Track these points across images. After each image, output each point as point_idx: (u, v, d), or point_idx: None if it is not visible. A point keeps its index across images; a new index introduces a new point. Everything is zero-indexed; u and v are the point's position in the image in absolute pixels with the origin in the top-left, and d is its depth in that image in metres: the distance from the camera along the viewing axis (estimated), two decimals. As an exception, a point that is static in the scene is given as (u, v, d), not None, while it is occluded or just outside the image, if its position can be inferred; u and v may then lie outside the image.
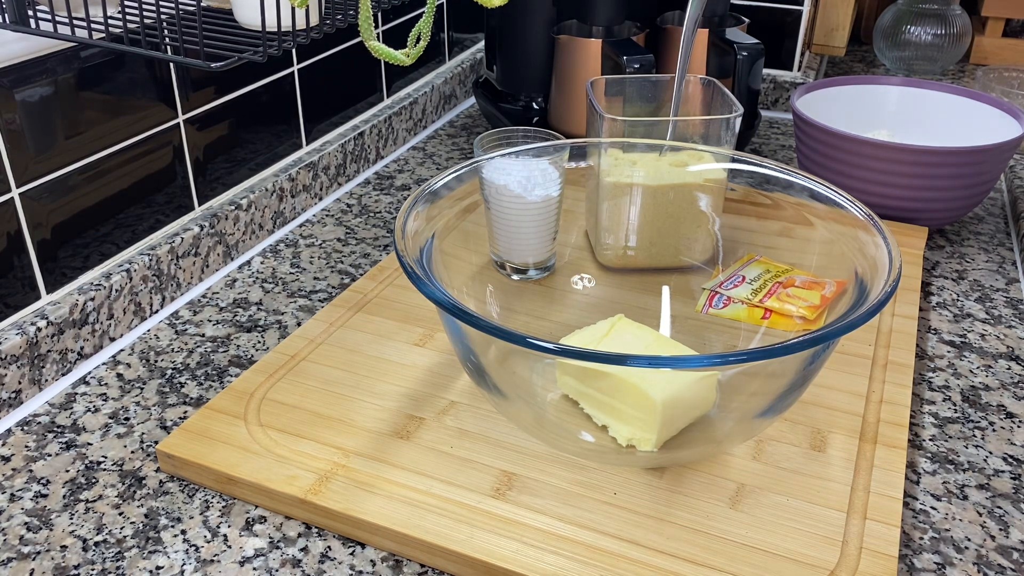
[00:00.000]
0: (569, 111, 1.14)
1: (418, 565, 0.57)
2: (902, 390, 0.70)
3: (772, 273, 0.77)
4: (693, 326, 0.75)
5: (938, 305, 0.86)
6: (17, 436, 0.67)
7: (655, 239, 0.82)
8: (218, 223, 0.89)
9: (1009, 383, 0.75)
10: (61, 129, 0.73)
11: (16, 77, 0.68)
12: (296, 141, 1.02)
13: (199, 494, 0.62)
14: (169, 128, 0.84)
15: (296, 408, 0.67)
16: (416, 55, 0.62)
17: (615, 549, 0.56)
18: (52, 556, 0.57)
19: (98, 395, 0.72)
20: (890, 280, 0.55)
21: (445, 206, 0.69)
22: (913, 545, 0.59)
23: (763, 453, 0.64)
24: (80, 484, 0.63)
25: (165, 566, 0.56)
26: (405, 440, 0.64)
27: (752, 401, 0.61)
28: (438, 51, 1.32)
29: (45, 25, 0.63)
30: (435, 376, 0.71)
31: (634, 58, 0.99)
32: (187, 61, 0.57)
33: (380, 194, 1.07)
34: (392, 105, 1.19)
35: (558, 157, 0.77)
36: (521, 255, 0.80)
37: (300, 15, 0.59)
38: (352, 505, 0.58)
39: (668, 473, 0.62)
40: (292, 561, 0.57)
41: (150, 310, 0.82)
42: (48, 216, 0.73)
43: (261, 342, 0.79)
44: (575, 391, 0.66)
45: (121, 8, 0.59)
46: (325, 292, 0.86)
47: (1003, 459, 0.67)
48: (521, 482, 0.61)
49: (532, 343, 0.51)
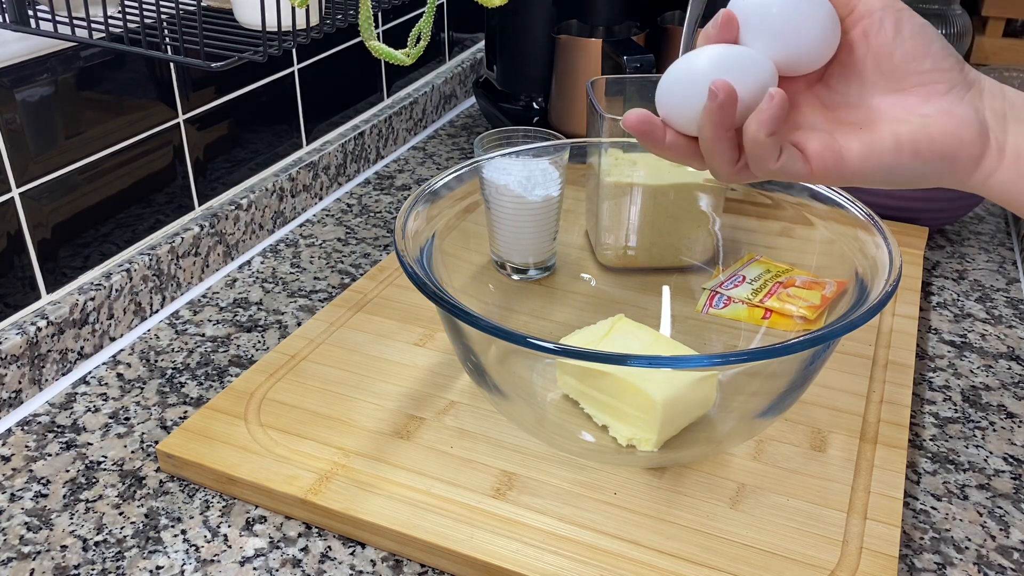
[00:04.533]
0: (569, 111, 1.14)
1: (418, 565, 0.57)
2: (902, 390, 0.70)
3: (772, 273, 0.77)
4: (693, 326, 0.75)
5: (938, 305, 0.86)
6: (17, 436, 0.67)
7: (655, 239, 0.82)
8: (218, 223, 0.89)
9: (1009, 383, 0.75)
10: (61, 129, 0.73)
11: (16, 77, 0.68)
12: (296, 141, 1.02)
13: (199, 494, 0.62)
14: (169, 128, 0.84)
15: (296, 408, 0.67)
16: (416, 55, 0.62)
17: (615, 549, 0.56)
18: (52, 556, 0.57)
19: (98, 395, 0.72)
20: (890, 280, 0.55)
21: (445, 206, 0.69)
22: (913, 545, 0.59)
23: (763, 453, 0.64)
24: (80, 484, 0.63)
25: (165, 566, 0.56)
26: (405, 440, 0.64)
27: (752, 401, 0.61)
28: (438, 51, 1.32)
29: (45, 25, 0.63)
30: (435, 376, 0.71)
31: (634, 58, 0.99)
32: (187, 61, 0.57)
33: (380, 194, 1.07)
34: (392, 105, 1.19)
35: (558, 157, 0.77)
36: (521, 255, 0.80)
37: (300, 15, 0.59)
38: (352, 505, 0.58)
39: (668, 473, 0.62)
40: (292, 561, 0.57)
41: (150, 310, 0.82)
42: (48, 216, 0.73)
43: (261, 342, 0.79)
44: (575, 391, 0.66)
45: (121, 8, 0.59)
46: (325, 292, 0.86)
47: (1003, 459, 0.67)
48: (521, 482, 0.61)
49: (532, 343, 0.51)
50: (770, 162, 0.42)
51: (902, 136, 0.42)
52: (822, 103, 0.45)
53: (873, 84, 0.43)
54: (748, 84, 0.42)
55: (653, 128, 0.44)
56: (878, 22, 0.42)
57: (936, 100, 0.42)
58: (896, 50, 0.42)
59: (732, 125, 0.42)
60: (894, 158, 0.42)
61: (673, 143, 0.44)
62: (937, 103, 0.42)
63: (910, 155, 0.42)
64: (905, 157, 0.42)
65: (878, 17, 0.42)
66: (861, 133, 0.43)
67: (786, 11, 0.42)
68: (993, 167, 0.42)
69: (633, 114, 0.44)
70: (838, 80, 0.44)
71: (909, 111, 0.42)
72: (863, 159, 0.42)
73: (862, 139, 0.42)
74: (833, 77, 0.45)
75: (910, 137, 0.42)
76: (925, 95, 0.42)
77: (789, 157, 0.42)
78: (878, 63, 0.43)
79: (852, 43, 0.43)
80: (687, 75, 0.43)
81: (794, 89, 0.45)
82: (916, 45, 0.42)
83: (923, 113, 0.42)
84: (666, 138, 0.44)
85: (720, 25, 0.44)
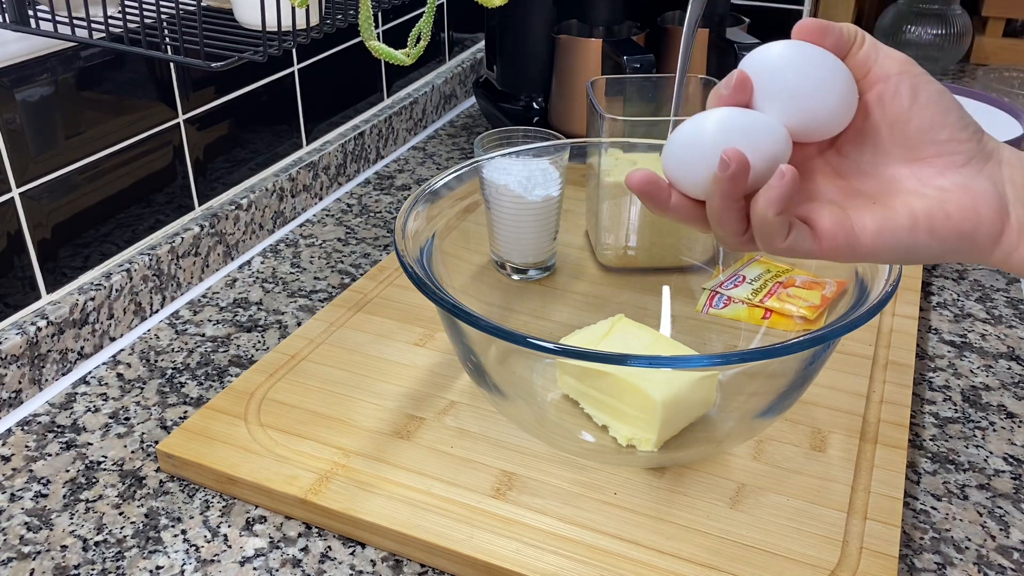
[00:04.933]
0: (569, 111, 1.14)
1: (418, 565, 0.57)
2: (902, 390, 0.70)
3: (772, 273, 0.77)
4: (693, 326, 0.75)
5: (938, 305, 0.86)
6: (17, 436, 0.67)
7: (655, 239, 0.82)
8: (218, 223, 0.89)
9: (1009, 383, 0.75)
10: (61, 129, 0.73)
11: (16, 77, 0.68)
12: (296, 141, 1.02)
13: (199, 494, 0.62)
14: (169, 128, 0.84)
15: (296, 408, 0.67)
16: (416, 55, 0.62)
17: (615, 549, 0.56)
18: (52, 556, 0.57)
19: (98, 395, 0.72)
20: (890, 280, 0.55)
21: (445, 206, 0.69)
22: (913, 545, 0.59)
23: (763, 453, 0.64)
24: (80, 484, 0.63)
25: (165, 566, 0.56)
26: (405, 440, 0.64)
27: (752, 401, 0.61)
28: (438, 51, 1.32)
29: (45, 25, 0.63)
30: (435, 376, 0.71)
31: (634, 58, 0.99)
32: (187, 61, 0.57)
33: (380, 194, 1.07)
34: (392, 105, 1.19)
35: (558, 157, 0.77)
36: (521, 255, 0.80)
37: (300, 15, 0.59)
38: (352, 505, 0.58)
39: (668, 473, 0.62)
40: (292, 561, 0.57)
41: (150, 310, 0.82)
42: (48, 216, 0.73)
43: (261, 342, 0.79)
44: (575, 391, 0.66)
45: (121, 8, 0.59)
46: (325, 292, 0.86)
47: (1003, 459, 0.67)
48: (521, 482, 0.61)
49: (532, 343, 0.51)
50: (778, 240, 0.40)
51: (917, 212, 0.40)
52: (834, 170, 0.43)
53: (887, 152, 0.41)
54: (760, 152, 0.40)
55: (657, 190, 0.42)
56: (894, 87, 0.40)
57: (953, 173, 0.40)
58: (912, 118, 0.40)
59: (742, 196, 0.40)
60: (909, 236, 0.40)
61: (678, 206, 0.43)
62: (954, 176, 0.40)
63: (926, 233, 0.40)
64: (921, 235, 0.40)
65: (894, 82, 0.40)
66: (875, 208, 0.40)
67: (803, 75, 0.40)
68: (1013, 244, 0.40)
69: (637, 174, 0.42)
70: (852, 146, 0.43)
71: (925, 183, 0.40)
72: (876, 237, 0.40)
73: (876, 215, 0.40)
74: (846, 143, 0.43)
75: (926, 213, 0.40)
76: (942, 167, 0.40)
77: (798, 235, 0.40)
78: (893, 130, 0.41)
79: (867, 107, 0.41)
80: (696, 137, 0.41)
81: (805, 155, 0.43)
82: (933, 114, 0.40)
83: (939, 186, 0.40)
84: (671, 200, 0.42)
85: (733, 87, 0.41)
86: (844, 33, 0.41)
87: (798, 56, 0.41)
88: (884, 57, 0.41)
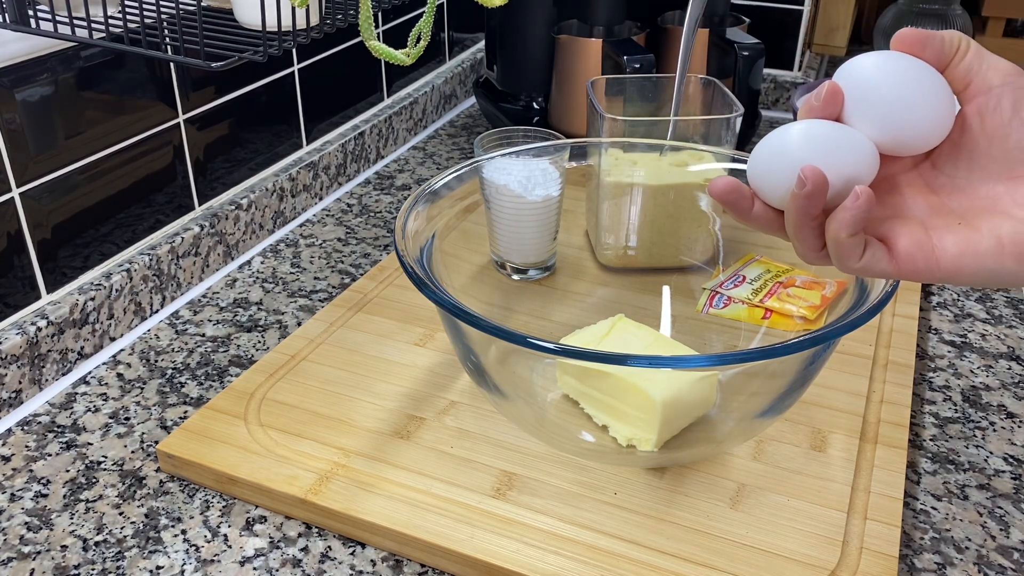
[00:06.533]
0: (569, 111, 1.14)
1: (418, 565, 0.57)
2: (902, 390, 0.70)
3: (772, 273, 0.77)
4: (693, 326, 0.75)
5: (939, 305, 0.86)
6: (17, 436, 0.67)
7: (655, 239, 0.82)
8: (218, 223, 0.89)
9: (1010, 383, 0.75)
10: (61, 129, 0.73)
11: (16, 77, 0.68)
12: (296, 141, 1.02)
13: (199, 494, 0.62)
14: (169, 128, 0.84)
15: (296, 408, 0.67)
16: (416, 55, 0.62)
17: (615, 549, 0.56)
18: (52, 556, 0.57)
19: (98, 395, 0.72)
20: (890, 280, 0.55)
21: (445, 206, 0.69)
22: (913, 545, 0.59)
23: (763, 453, 0.64)
24: (80, 484, 0.63)
25: (165, 566, 0.56)
26: (405, 440, 0.64)
27: (752, 401, 0.61)
28: (438, 51, 1.32)
29: (45, 25, 0.63)
30: (435, 376, 0.71)
31: (634, 58, 0.99)
32: (187, 61, 0.57)
33: (380, 194, 1.07)
34: (392, 105, 1.19)
35: (558, 157, 0.77)
36: (521, 255, 0.80)
37: (300, 15, 0.59)
38: (352, 505, 0.58)
39: (668, 473, 0.62)
40: (292, 561, 0.57)
41: (150, 310, 0.82)
42: (48, 216, 0.73)
43: (261, 342, 0.79)
44: (575, 391, 0.66)
45: (121, 8, 0.59)
46: (325, 292, 0.86)
47: (1003, 459, 0.67)
48: (521, 482, 0.61)
49: (532, 343, 0.51)
50: (852, 260, 0.39)
51: (1004, 237, 0.38)
52: (927, 185, 0.41)
53: (984, 168, 0.40)
54: (843, 170, 0.39)
55: (740, 198, 0.42)
56: (995, 100, 0.39)
57: None
58: (1012, 132, 0.38)
59: (819, 213, 0.39)
60: (995, 261, 0.38)
61: (760, 215, 0.42)
62: None
63: (1013, 259, 0.38)
64: (1007, 260, 0.38)
65: (996, 94, 0.39)
66: (959, 230, 0.39)
67: (896, 90, 0.39)
68: None
69: (721, 181, 0.41)
70: (947, 160, 0.41)
71: (1019, 203, 0.38)
72: (957, 260, 0.38)
73: (958, 238, 0.38)
74: (942, 156, 0.41)
75: (1012, 239, 0.37)
76: None
77: (873, 256, 0.39)
78: (991, 145, 0.39)
79: (966, 120, 0.40)
80: (780, 148, 0.40)
81: (898, 168, 0.42)
82: None
83: None
84: (753, 208, 0.42)
85: (824, 99, 0.40)
86: (945, 43, 0.39)
87: (893, 69, 0.39)
88: (988, 68, 0.39)
